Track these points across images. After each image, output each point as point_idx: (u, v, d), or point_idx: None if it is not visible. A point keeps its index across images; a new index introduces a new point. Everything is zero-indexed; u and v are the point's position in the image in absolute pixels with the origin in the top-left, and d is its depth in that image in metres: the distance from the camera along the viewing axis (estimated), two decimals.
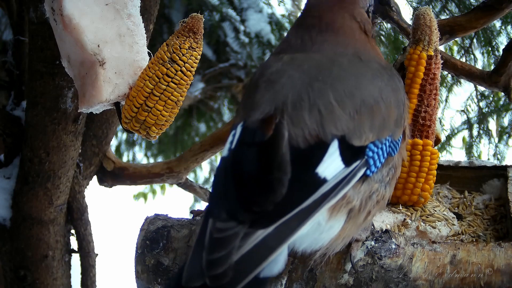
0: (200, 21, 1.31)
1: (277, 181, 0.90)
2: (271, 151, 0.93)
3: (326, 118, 0.97)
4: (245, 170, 0.93)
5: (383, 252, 1.06)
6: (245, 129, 1.00)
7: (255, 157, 0.94)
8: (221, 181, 0.95)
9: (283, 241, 0.89)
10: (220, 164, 0.99)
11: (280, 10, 3.59)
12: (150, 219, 1.21)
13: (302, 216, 0.90)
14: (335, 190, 0.94)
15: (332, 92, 1.00)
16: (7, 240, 1.95)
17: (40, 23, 1.60)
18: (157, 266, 1.14)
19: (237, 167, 0.95)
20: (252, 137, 0.97)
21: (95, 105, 1.32)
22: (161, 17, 3.17)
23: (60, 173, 1.86)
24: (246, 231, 0.87)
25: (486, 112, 2.83)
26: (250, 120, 1.00)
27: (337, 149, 0.96)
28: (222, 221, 0.88)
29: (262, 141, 0.95)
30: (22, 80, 2.02)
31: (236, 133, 1.01)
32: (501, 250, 1.05)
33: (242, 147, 0.97)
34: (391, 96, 1.06)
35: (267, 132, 0.96)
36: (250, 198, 0.90)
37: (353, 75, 1.06)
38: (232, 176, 0.94)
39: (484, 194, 1.53)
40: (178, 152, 3.74)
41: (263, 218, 0.88)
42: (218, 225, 0.88)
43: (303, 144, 0.95)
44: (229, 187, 0.93)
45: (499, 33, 2.61)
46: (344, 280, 1.05)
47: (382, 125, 1.03)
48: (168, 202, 4.28)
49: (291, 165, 0.92)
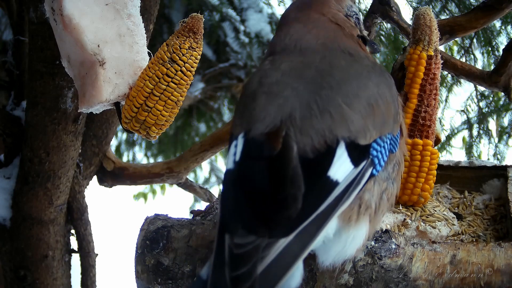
0: (200, 21, 1.31)
1: (292, 198, 0.89)
2: (282, 167, 0.92)
3: (338, 121, 0.97)
4: (257, 186, 0.92)
5: (383, 252, 1.06)
6: (249, 142, 0.98)
7: (266, 172, 0.92)
8: (231, 195, 0.94)
9: (305, 247, 0.89)
10: (227, 177, 0.98)
11: (280, 10, 3.59)
12: (150, 219, 1.21)
13: (319, 221, 0.90)
14: (347, 192, 0.94)
15: (339, 95, 1.00)
16: (7, 240, 1.95)
17: (40, 23, 1.60)
18: (157, 266, 1.14)
19: (247, 182, 0.93)
20: (259, 150, 0.95)
21: (95, 105, 1.32)
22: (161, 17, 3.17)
23: (60, 173, 1.86)
24: (267, 242, 0.86)
25: (486, 112, 2.83)
26: (254, 132, 0.98)
27: (345, 150, 0.95)
28: (240, 236, 0.87)
29: (271, 155, 0.93)
30: (22, 80, 2.02)
31: (238, 144, 0.99)
32: (501, 250, 1.05)
33: (249, 161, 0.96)
34: (387, 92, 1.07)
35: (275, 146, 0.94)
36: (266, 215, 0.89)
37: (352, 75, 1.06)
38: (243, 191, 0.93)
39: (484, 194, 1.53)
40: (178, 152, 3.74)
41: (282, 227, 0.88)
42: (236, 241, 0.87)
43: (312, 153, 0.94)
44: (241, 202, 0.92)
45: (499, 33, 2.61)
46: (344, 280, 1.05)
47: (383, 122, 1.04)
48: (168, 202, 4.28)
49: (303, 177, 0.91)
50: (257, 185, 0.92)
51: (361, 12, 2.50)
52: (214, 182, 4.03)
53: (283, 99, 1.01)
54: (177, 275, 1.13)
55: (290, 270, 0.87)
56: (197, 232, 1.16)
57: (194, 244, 1.15)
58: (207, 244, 1.15)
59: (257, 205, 0.90)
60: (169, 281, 1.14)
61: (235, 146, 0.99)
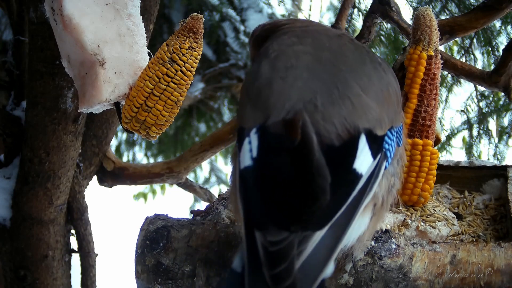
0: (200, 21, 1.31)
1: (321, 190, 0.86)
2: (305, 158, 0.88)
3: (358, 109, 0.93)
4: (282, 181, 0.88)
5: (383, 252, 1.06)
6: (266, 135, 0.92)
7: (289, 166, 0.88)
8: (254, 193, 0.90)
9: (339, 240, 0.87)
10: (246, 175, 0.93)
11: (280, 10, 3.59)
12: (150, 219, 1.21)
13: (348, 213, 0.88)
14: (369, 185, 0.92)
15: (356, 81, 0.96)
16: (7, 240, 1.95)
17: (40, 23, 1.60)
18: (157, 266, 1.14)
19: (271, 178, 0.89)
20: (278, 143, 0.90)
21: (95, 105, 1.32)
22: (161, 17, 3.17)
23: (60, 173, 1.87)
24: (303, 236, 0.84)
25: (486, 112, 2.83)
26: (271, 122, 0.92)
27: (366, 141, 0.92)
28: (272, 233, 0.84)
29: (291, 147, 0.89)
30: (22, 80, 2.02)
31: (252, 140, 0.94)
32: (501, 250, 1.05)
33: (270, 156, 0.91)
34: (393, 80, 1.03)
35: (294, 136, 0.89)
36: (296, 209, 0.86)
37: (362, 60, 1.01)
38: (268, 187, 0.89)
39: (484, 194, 1.53)
40: (178, 152, 3.74)
41: (316, 220, 0.86)
42: (270, 239, 0.84)
43: (337, 141, 0.90)
44: (268, 198, 0.88)
45: (499, 33, 2.61)
46: (344, 280, 1.05)
47: (394, 112, 1.01)
48: (168, 202, 4.28)
49: (328, 167, 0.87)
50: (282, 179, 0.88)
51: (361, 12, 2.50)
52: (214, 182, 4.03)
53: (303, 82, 0.95)
54: (177, 275, 1.13)
55: (329, 262, 0.86)
56: (197, 232, 1.16)
57: (194, 244, 1.15)
58: (207, 244, 1.15)
59: (285, 200, 0.87)
60: (169, 281, 1.14)
61: (250, 142, 0.94)
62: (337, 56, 1.00)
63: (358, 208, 0.90)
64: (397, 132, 1.03)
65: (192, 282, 1.13)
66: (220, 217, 1.37)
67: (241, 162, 0.95)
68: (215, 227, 1.17)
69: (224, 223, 1.31)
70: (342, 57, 1.00)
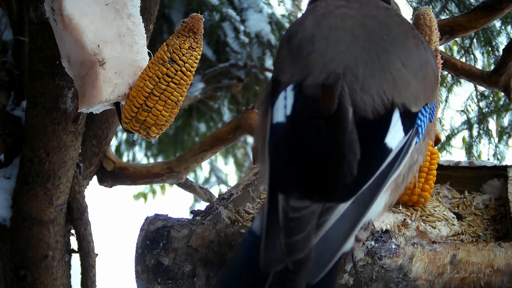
0: (200, 21, 1.31)
1: (348, 166, 0.84)
2: (338, 131, 0.86)
3: (397, 84, 0.91)
4: (312, 148, 0.86)
5: (383, 252, 1.06)
6: (301, 95, 0.90)
7: (321, 134, 0.86)
8: (283, 152, 0.88)
9: (362, 214, 0.85)
10: (277, 131, 0.90)
11: (280, 10, 3.60)
12: (150, 219, 1.21)
13: (374, 188, 0.86)
14: (397, 160, 0.90)
15: (397, 53, 0.94)
16: (7, 240, 1.95)
17: (40, 23, 1.60)
18: (157, 266, 1.14)
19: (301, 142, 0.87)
20: (313, 107, 0.88)
21: (95, 105, 1.32)
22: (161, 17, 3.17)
23: (60, 173, 1.87)
24: (327, 207, 0.82)
25: (486, 112, 2.83)
26: (308, 84, 0.90)
27: (399, 117, 0.91)
28: (295, 198, 0.82)
29: (326, 115, 0.87)
30: (22, 80, 2.02)
31: (288, 96, 0.91)
32: (501, 250, 1.05)
33: (303, 118, 0.88)
34: (432, 60, 1.01)
35: (331, 104, 0.87)
36: (321, 180, 0.84)
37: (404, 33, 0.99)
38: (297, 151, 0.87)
39: (484, 194, 1.53)
40: (178, 152, 3.75)
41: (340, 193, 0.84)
42: (292, 204, 0.81)
43: (372, 114, 0.88)
44: (295, 162, 0.86)
45: (499, 33, 2.61)
46: (344, 280, 1.05)
47: (430, 89, 0.99)
48: (168, 202, 4.28)
49: (359, 140, 0.86)
50: (311, 146, 0.86)
51: None
52: (214, 182, 4.03)
53: (345, 46, 0.93)
54: (177, 275, 1.13)
55: (350, 236, 0.84)
56: (197, 232, 1.16)
57: (194, 244, 1.15)
58: (207, 244, 1.15)
59: (312, 168, 0.85)
60: (169, 281, 1.14)
61: (285, 97, 0.91)
62: (382, 26, 0.98)
63: (384, 183, 0.88)
64: (430, 108, 1.01)
65: (192, 282, 1.13)
66: (220, 217, 1.37)
67: (274, 115, 0.93)
68: (215, 227, 1.17)
69: (224, 223, 1.31)
70: (386, 28, 0.98)
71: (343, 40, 0.95)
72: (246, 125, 1.87)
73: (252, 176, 1.61)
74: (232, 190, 1.50)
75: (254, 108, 1.90)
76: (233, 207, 1.44)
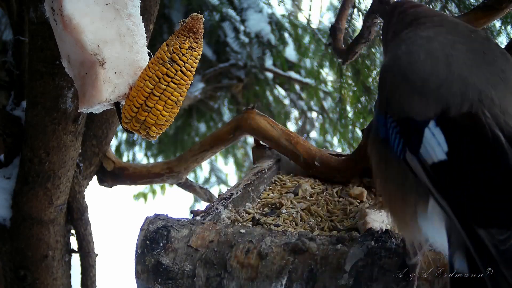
0: (200, 21, 1.30)
1: None
2: (500, 158, 0.85)
3: None
4: (486, 179, 0.85)
5: (383, 252, 1.06)
6: (453, 128, 0.88)
7: (487, 163, 0.85)
8: (463, 188, 0.86)
9: None
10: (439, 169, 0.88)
11: (280, 10, 3.60)
12: (150, 219, 1.21)
13: None
14: None
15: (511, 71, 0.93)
16: (7, 240, 1.95)
17: (40, 23, 1.60)
18: (157, 266, 1.14)
19: (474, 174, 0.85)
20: (470, 139, 0.87)
21: (95, 105, 1.32)
22: (161, 17, 3.17)
23: (60, 173, 1.87)
24: None
25: None
26: (453, 116, 0.88)
27: None
28: (496, 232, 0.82)
29: (484, 144, 0.86)
30: (22, 80, 2.02)
31: (435, 132, 0.89)
32: None
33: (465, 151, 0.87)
34: None
35: (485, 131, 0.86)
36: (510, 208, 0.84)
37: (503, 54, 0.98)
38: (475, 183, 0.85)
39: None
40: (178, 152, 3.75)
41: None
42: (498, 237, 0.82)
43: None
44: (479, 195, 0.84)
45: (499, 33, 2.61)
46: (344, 280, 1.05)
47: None
48: (168, 202, 4.29)
49: None
50: (485, 177, 0.85)
51: (361, 12, 2.50)
52: (214, 182, 4.03)
53: (468, 71, 0.92)
54: (177, 275, 1.13)
55: None
56: (197, 232, 1.16)
57: (194, 244, 1.15)
58: (207, 244, 1.15)
59: (497, 199, 0.84)
60: (169, 281, 1.14)
61: (433, 134, 0.89)
62: (483, 45, 0.98)
63: None
64: None
65: (192, 282, 1.13)
66: (220, 217, 1.37)
67: (428, 156, 0.90)
68: (215, 227, 1.17)
69: (224, 223, 1.31)
70: (487, 47, 0.98)
71: (463, 66, 0.94)
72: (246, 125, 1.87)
73: (252, 176, 1.61)
74: (232, 190, 1.50)
75: (254, 108, 1.90)
76: (233, 207, 1.45)
